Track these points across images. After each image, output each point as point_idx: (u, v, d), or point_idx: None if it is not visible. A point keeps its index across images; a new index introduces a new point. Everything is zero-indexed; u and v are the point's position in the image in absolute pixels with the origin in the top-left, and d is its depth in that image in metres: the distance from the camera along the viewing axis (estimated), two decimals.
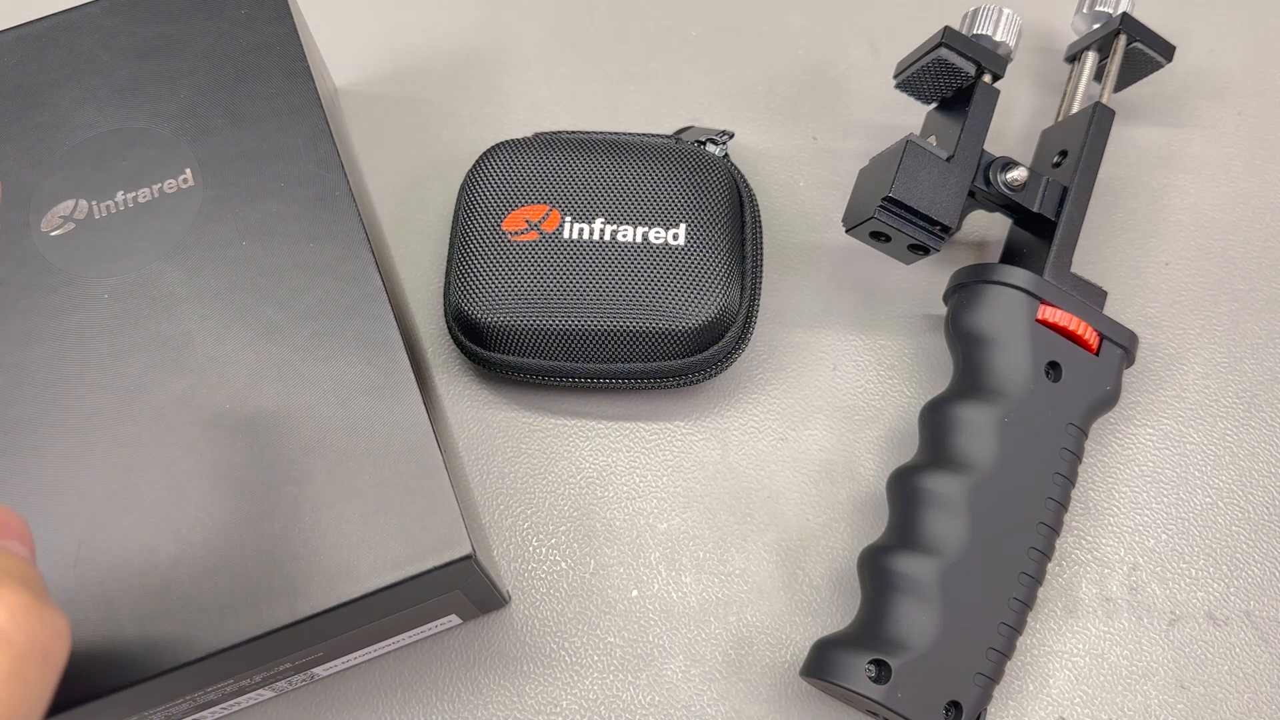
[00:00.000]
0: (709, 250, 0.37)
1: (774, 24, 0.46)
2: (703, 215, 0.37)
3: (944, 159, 0.36)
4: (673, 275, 0.36)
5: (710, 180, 0.38)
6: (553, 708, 0.35)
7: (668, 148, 0.39)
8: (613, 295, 0.36)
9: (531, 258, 0.37)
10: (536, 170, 0.38)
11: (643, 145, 0.39)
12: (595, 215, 0.37)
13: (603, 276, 0.36)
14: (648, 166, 0.38)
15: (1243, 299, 0.41)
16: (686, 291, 0.36)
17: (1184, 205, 0.42)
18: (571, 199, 0.37)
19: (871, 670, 0.32)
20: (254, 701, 0.34)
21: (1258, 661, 0.36)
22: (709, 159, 0.39)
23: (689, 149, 0.39)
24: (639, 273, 0.36)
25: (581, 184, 0.38)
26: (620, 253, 0.37)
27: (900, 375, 0.40)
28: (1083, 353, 0.36)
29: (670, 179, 0.38)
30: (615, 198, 0.37)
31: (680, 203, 0.37)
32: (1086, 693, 0.35)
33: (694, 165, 0.38)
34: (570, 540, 0.37)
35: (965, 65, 0.37)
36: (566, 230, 0.37)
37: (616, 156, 0.38)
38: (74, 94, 0.34)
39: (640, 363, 0.37)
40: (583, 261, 0.37)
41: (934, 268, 0.41)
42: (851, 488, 0.38)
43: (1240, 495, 0.38)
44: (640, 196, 0.37)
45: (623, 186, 0.38)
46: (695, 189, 0.38)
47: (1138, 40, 0.40)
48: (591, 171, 0.38)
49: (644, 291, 0.36)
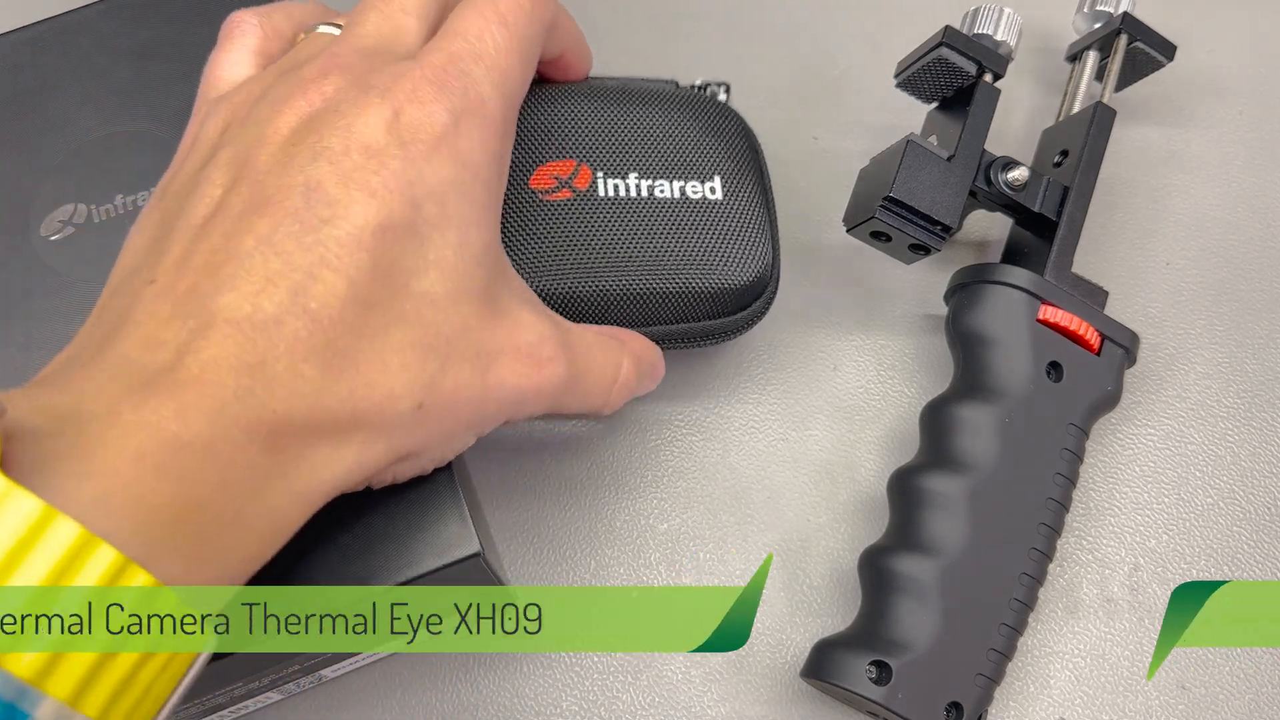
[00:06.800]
0: (747, 202, 0.35)
1: (774, 22, 0.46)
2: (734, 166, 0.35)
3: (945, 159, 0.36)
4: (718, 231, 0.34)
5: (732, 128, 0.36)
6: (553, 708, 0.35)
7: (682, 96, 0.36)
8: (661, 255, 0.34)
9: (569, 218, 0.33)
10: (556, 122, 0.34)
11: (658, 93, 0.36)
12: (628, 170, 0.34)
13: (648, 236, 0.34)
14: (672, 115, 0.35)
15: (1244, 299, 0.40)
16: (734, 247, 0.34)
17: (1185, 205, 0.42)
18: (600, 153, 0.34)
19: (872, 671, 0.32)
20: (261, 705, 0.34)
21: (1259, 663, 0.36)
22: (724, 106, 0.37)
23: (701, 96, 0.37)
24: (684, 230, 0.34)
25: (608, 136, 0.35)
26: (661, 209, 0.34)
27: (901, 375, 0.40)
28: (1084, 353, 0.36)
29: (697, 128, 0.35)
30: (646, 150, 0.35)
31: (711, 153, 0.35)
32: (1087, 693, 0.35)
33: (714, 113, 0.36)
34: (570, 540, 0.37)
35: (966, 65, 0.37)
36: (601, 187, 0.34)
37: (637, 106, 0.35)
38: (72, 97, 0.34)
39: (686, 323, 0.35)
40: (624, 220, 0.34)
41: (935, 267, 0.41)
42: (852, 488, 0.38)
43: (1242, 496, 0.38)
44: (671, 148, 0.35)
45: (651, 138, 0.35)
46: (722, 138, 0.36)
47: (1139, 40, 0.39)
48: (617, 122, 0.35)
49: (692, 249, 0.34)
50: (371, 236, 0.24)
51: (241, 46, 0.30)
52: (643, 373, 0.32)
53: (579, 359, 0.29)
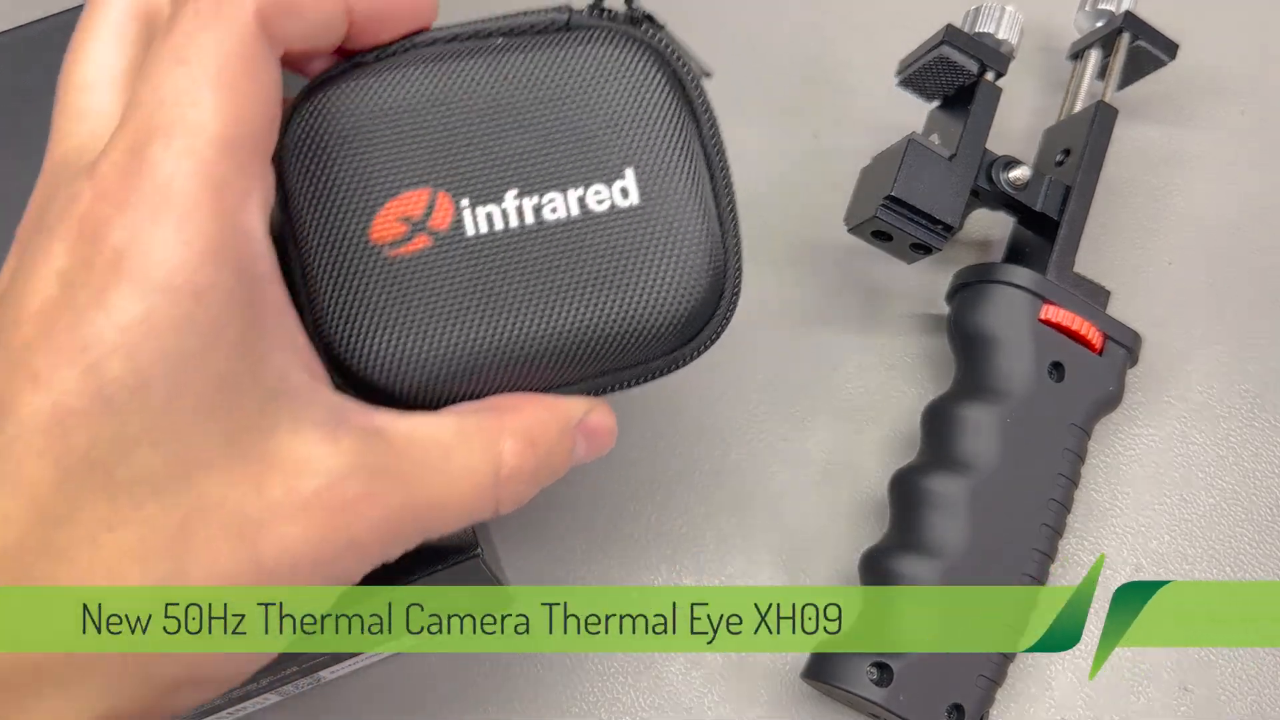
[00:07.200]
0: (677, 199, 0.25)
1: (774, 20, 0.46)
2: (654, 145, 0.25)
3: (946, 157, 0.36)
4: (637, 251, 0.24)
5: (650, 79, 0.25)
6: (554, 709, 0.35)
7: (568, 41, 0.25)
8: (562, 302, 0.24)
9: (433, 280, 0.24)
10: (391, 124, 0.24)
11: (528, 44, 0.25)
12: (504, 186, 0.24)
13: (542, 279, 0.24)
14: (556, 77, 0.24)
15: (1247, 298, 0.40)
16: (661, 270, 0.24)
17: (1187, 204, 0.42)
18: (461, 165, 0.24)
19: (873, 673, 0.32)
20: (259, 706, 0.34)
21: (1261, 664, 0.35)
22: (633, 43, 0.25)
23: (596, 31, 0.25)
24: (591, 261, 0.24)
25: (468, 134, 0.24)
26: (557, 239, 0.24)
27: (902, 375, 0.40)
28: (1086, 353, 0.35)
29: (596, 91, 0.24)
30: (524, 149, 0.24)
31: (620, 132, 0.24)
32: (1089, 695, 0.35)
33: (619, 61, 0.25)
34: (570, 540, 0.37)
35: (968, 63, 0.37)
36: (469, 223, 0.24)
37: (502, 75, 0.24)
38: None
39: (611, 375, 0.26)
40: (509, 267, 0.24)
41: (936, 267, 0.40)
42: (853, 488, 0.38)
43: (1244, 497, 0.38)
44: (560, 137, 0.24)
45: (531, 126, 0.24)
46: (635, 101, 0.25)
47: (1141, 38, 0.39)
48: (477, 107, 0.24)
49: (603, 289, 0.24)
50: (43, 436, 0.19)
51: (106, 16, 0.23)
52: (549, 449, 0.24)
53: (418, 474, 0.22)
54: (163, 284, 0.19)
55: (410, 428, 0.23)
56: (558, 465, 0.25)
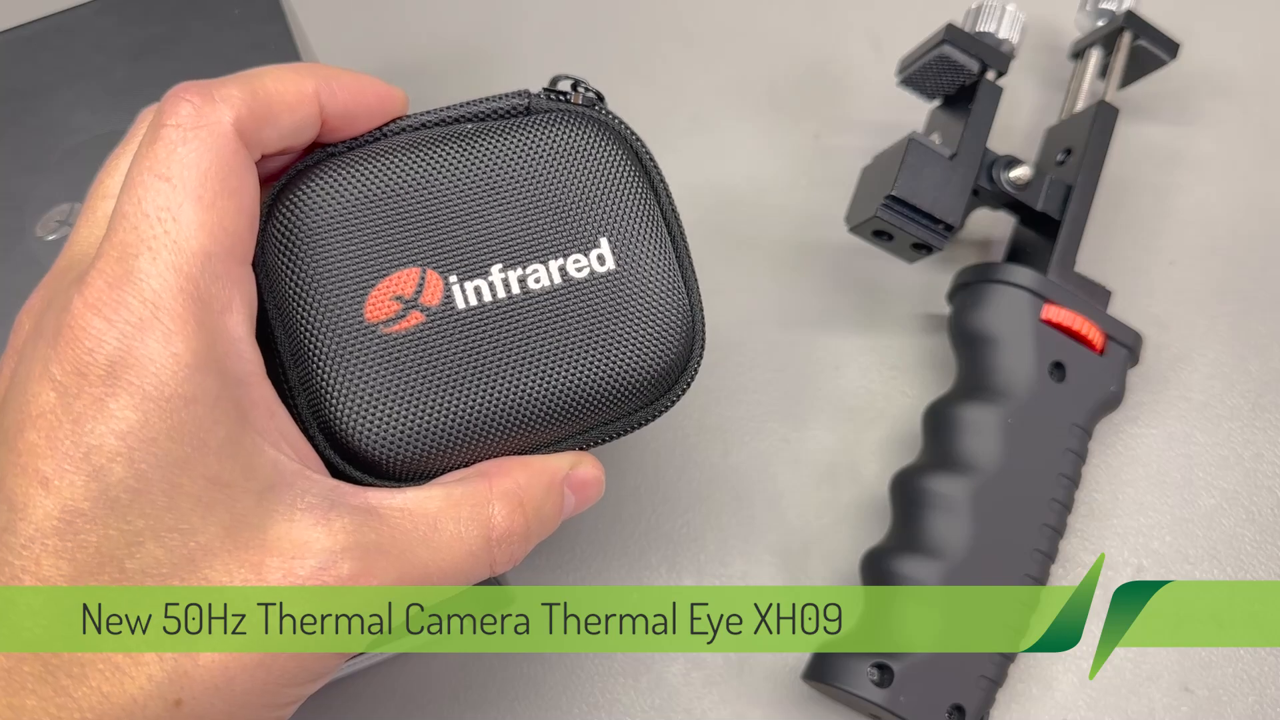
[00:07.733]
0: (648, 262, 0.27)
1: (775, 20, 0.46)
2: (625, 214, 0.27)
3: (947, 157, 0.36)
4: (618, 311, 0.26)
5: (613, 157, 0.27)
6: (554, 709, 0.35)
7: (535, 125, 0.27)
8: (550, 366, 0.26)
9: (429, 354, 0.25)
10: (375, 209, 0.26)
11: (496, 129, 0.27)
12: (489, 261, 0.26)
13: (530, 345, 0.26)
14: (530, 160, 0.27)
15: (1248, 298, 0.40)
16: (643, 326, 0.27)
17: (1189, 204, 0.42)
18: (446, 243, 0.26)
19: (874, 673, 0.32)
20: None
21: (1263, 664, 0.35)
22: (596, 126, 0.28)
23: (561, 115, 0.28)
24: (575, 324, 0.26)
25: (450, 214, 0.26)
26: (542, 307, 0.26)
27: (903, 375, 0.39)
28: (1087, 353, 0.35)
29: (566, 172, 0.27)
30: (503, 223, 0.26)
31: (592, 206, 0.27)
32: (1090, 695, 0.35)
33: (586, 143, 0.27)
34: (570, 540, 0.37)
35: (968, 62, 0.37)
36: (459, 297, 0.25)
37: (475, 155, 0.27)
38: (68, 97, 0.34)
39: (594, 430, 0.27)
40: (499, 336, 0.26)
41: (937, 267, 0.40)
42: (854, 489, 0.38)
43: (1246, 497, 0.37)
44: (537, 212, 0.26)
45: (509, 205, 0.26)
46: (602, 177, 0.27)
47: (1142, 37, 0.39)
48: (456, 189, 0.26)
49: (589, 349, 0.26)
50: (57, 537, 0.20)
51: None
52: (537, 508, 0.25)
53: (410, 546, 0.23)
54: (154, 394, 0.21)
55: (401, 502, 0.24)
56: (548, 522, 0.26)
